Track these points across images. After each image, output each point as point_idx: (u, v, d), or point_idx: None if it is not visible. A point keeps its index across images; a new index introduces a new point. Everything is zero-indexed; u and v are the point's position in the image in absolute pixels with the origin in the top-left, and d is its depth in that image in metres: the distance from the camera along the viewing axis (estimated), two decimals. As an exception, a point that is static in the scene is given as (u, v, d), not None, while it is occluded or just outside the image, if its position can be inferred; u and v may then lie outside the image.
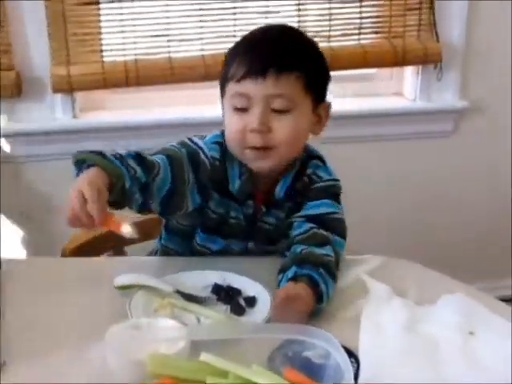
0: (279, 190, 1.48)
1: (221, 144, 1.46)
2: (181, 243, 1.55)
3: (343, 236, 1.46)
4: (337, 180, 1.53)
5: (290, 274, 1.31)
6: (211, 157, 1.43)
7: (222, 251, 1.52)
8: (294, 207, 1.49)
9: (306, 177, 1.49)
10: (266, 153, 1.39)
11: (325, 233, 1.42)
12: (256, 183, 1.48)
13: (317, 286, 1.27)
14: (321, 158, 1.54)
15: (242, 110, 1.38)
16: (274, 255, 1.50)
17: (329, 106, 1.49)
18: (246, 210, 1.49)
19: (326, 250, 1.38)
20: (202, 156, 1.41)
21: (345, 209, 1.51)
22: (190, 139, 1.45)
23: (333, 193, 1.51)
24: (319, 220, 1.44)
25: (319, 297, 1.26)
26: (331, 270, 1.34)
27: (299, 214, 1.46)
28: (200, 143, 1.45)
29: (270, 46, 1.41)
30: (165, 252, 1.59)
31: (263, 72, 1.35)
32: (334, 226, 1.45)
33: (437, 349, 1.19)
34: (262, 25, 1.54)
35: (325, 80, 1.48)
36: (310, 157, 1.52)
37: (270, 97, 1.36)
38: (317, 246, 1.37)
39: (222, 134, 1.48)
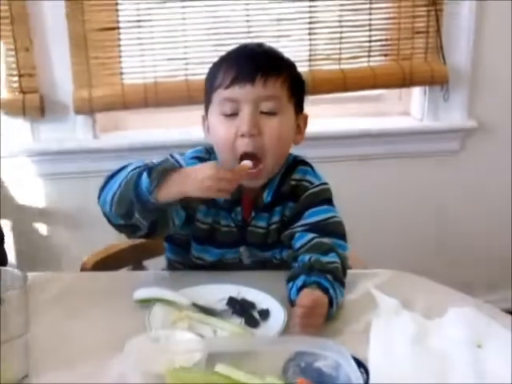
0: (266, 195, 1.47)
1: (201, 159, 1.46)
2: (181, 254, 1.54)
3: (344, 238, 1.46)
4: (327, 183, 1.52)
5: (299, 282, 1.31)
6: None
7: (216, 262, 1.51)
8: (285, 210, 1.49)
9: (292, 181, 1.49)
10: (257, 173, 1.38)
11: (327, 240, 1.41)
12: (242, 190, 1.46)
13: (326, 292, 1.26)
14: (307, 163, 1.54)
15: (231, 116, 1.39)
16: (270, 265, 1.51)
17: (307, 117, 1.51)
18: (235, 217, 1.49)
19: (332, 257, 1.37)
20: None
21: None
22: (171, 155, 1.44)
23: (326, 197, 1.50)
24: (320, 227, 1.44)
25: (329, 302, 1.26)
26: (338, 275, 1.34)
27: (299, 223, 1.45)
28: (179, 159, 1.44)
29: (257, 55, 1.43)
30: (170, 264, 1.60)
31: (252, 76, 1.36)
32: (335, 230, 1.45)
33: (445, 362, 1.18)
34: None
35: (303, 91, 1.50)
36: (294, 162, 1.52)
37: (259, 99, 1.37)
38: (322, 255, 1.37)
39: (205, 150, 1.49)
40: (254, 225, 1.49)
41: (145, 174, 1.30)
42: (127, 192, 1.32)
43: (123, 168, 1.37)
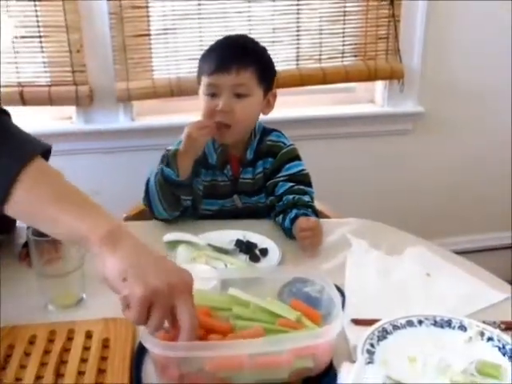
0: (249, 154, 1.52)
1: None
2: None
3: (311, 185, 1.52)
4: (294, 144, 1.57)
5: (291, 215, 1.38)
6: None
7: (219, 210, 1.55)
8: (266, 165, 1.53)
9: (269, 141, 1.54)
10: (226, 129, 1.43)
11: (302, 187, 1.48)
12: (229, 152, 1.52)
13: None
14: (279, 131, 1.58)
15: (213, 96, 1.42)
16: (257, 208, 1.55)
17: (275, 93, 1.53)
18: (227, 173, 1.53)
19: (308, 198, 1.46)
20: None
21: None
22: (167, 150, 1.48)
23: (297, 154, 1.55)
24: (296, 177, 1.50)
25: None
26: (315, 210, 1.45)
27: (280, 175, 1.50)
28: (174, 148, 1.46)
29: (232, 48, 1.47)
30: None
31: (228, 68, 1.40)
32: (306, 180, 1.51)
33: (403, 288, 1.18)
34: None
35: (272, 74, 1.52)
36: (267, 130, 1.56)
37: (234, 86, 1.41)
38: (302, 195, 1.45)
39: None
40: (243, 177, 1.53)
41: (165, 169, 1.41)
42: (166, 190, 1.42)
43: (148, 181, 1.46)
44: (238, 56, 1.42)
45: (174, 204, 1.43)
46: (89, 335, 0.99)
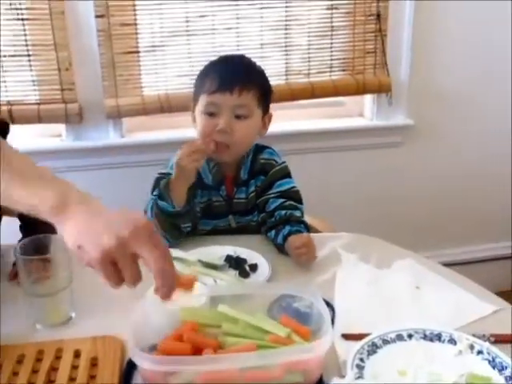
0: (243, 173, 1.51)
1: None
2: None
3: (302, 202, 1.51)
4: (285, 162, 1.55)
5: (285, 231, 1.37)
6: None
7: (212, 229, 1.53)
8: (257, 182, 1.52)
9: (262, 159, 1.53)
10: (225, 149, 1.41)
11: (293, 203, 1.47)
12: (223, 172, 1.51)
13: None
14: (271, 148, 1.57)
15: (213, 115, 1.41)
16: (250, 226, 1.54)
17: (271, 116, 1.53)
18: (222, 193, 1.51)
19: (299, 213, 1.45)
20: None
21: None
22: (158, 173, 1.49)
23: (288, 172, 1.54)
24: (286, 194, 1.49)
25: None
26: (307, 225, 1.44)
27: (271, 191, 1.50)
28: (167, 171, 1.46)
29: (237, 69, 1.46)
30: None
31: (231, 87, 1.39)
32: (296, 197, 1.50)
33: (393, 302, 1.18)
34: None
35: (270, 97, 1.52)
36: (260, 147, 1.55)
37: (235, 106, 1.40)
38: (293, 211, 1.44)
39: None
40: (237, 197, 1.52)
41: (160, 203, 1.37)
42: (165, 222, 1.38)
43: (146, 213, 1.42)
44: (242, 77, 1.41)
45: (176, 234, 1.40)
46: (77, 354, 0.98)
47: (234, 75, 1.42)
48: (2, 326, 1.07)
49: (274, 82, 2.20)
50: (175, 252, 1.31)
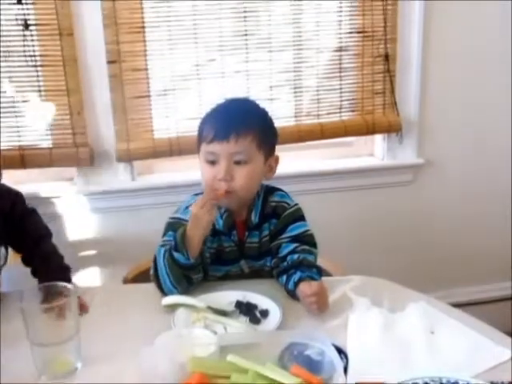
0: (254, 217, 1.48)
1: (198, 194, 1.47)
2: None
3: (316, 246, 1.48)
4: (298, 204, 1.53)
5: (296, 277, 1.34)
6: None
7: (224, 275, 1.51)
8: (271, 226, 1.49)
9: (272, 202, 1.50)
10: (228, 195, 1.39)
11: (307, 247, 1.45)
12: (234, 217, 1.48)
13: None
14: (282, 190, 1.55)
15: (212, 163, 1.40)
16: (263, 271, 1.51)
17: (277, 158, 1.50)
18: (234, 238, 1.48)
19: (312, 258, 1.43)
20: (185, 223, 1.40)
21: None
22: (171, 218, 1.48)
23: (300, 215, 1.51)
24: (300, 238, 1.46)
25: None
26: (320, 270, 1.41)
27: (284, 236, 1.47)
28: (179, 216, 1.47)
29: (231, 116, 1.43)
30: None
31: (227, 137, 1.37)
32: (310, 241, 1.48)
33: (407, 345, 1.16)
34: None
35: (273, 140, 1.49)
36: (270, 189, 1.53)
37: (232, 154, 1.38)
38: (306, 255, 1.42)
39: (195, 194, 1.50)
40: (249, 242, 1.49)
41: (175, 254, 1.35)
42: (177, 273, 1.36)
43: (156, 259, 1.40)
44: (237, 124, 1.39)
45: (186, 284, 1.38)
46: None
47: (230, 123, 1.40)
48: (7, 378, 1.05)
49: (283, 123, 2.22)
50: (184, 299, 1.29)
